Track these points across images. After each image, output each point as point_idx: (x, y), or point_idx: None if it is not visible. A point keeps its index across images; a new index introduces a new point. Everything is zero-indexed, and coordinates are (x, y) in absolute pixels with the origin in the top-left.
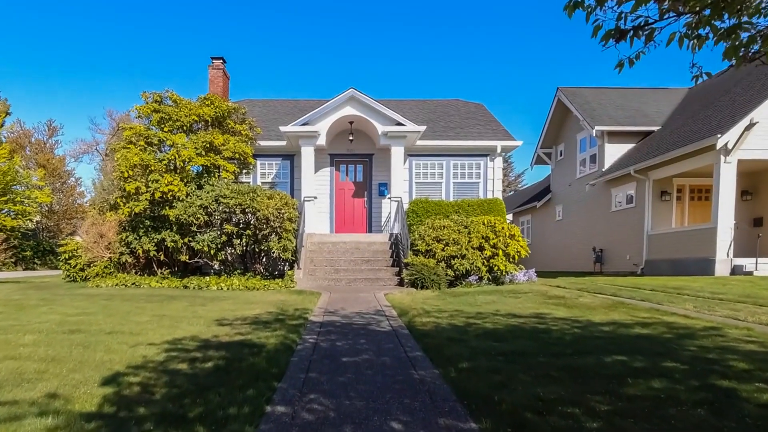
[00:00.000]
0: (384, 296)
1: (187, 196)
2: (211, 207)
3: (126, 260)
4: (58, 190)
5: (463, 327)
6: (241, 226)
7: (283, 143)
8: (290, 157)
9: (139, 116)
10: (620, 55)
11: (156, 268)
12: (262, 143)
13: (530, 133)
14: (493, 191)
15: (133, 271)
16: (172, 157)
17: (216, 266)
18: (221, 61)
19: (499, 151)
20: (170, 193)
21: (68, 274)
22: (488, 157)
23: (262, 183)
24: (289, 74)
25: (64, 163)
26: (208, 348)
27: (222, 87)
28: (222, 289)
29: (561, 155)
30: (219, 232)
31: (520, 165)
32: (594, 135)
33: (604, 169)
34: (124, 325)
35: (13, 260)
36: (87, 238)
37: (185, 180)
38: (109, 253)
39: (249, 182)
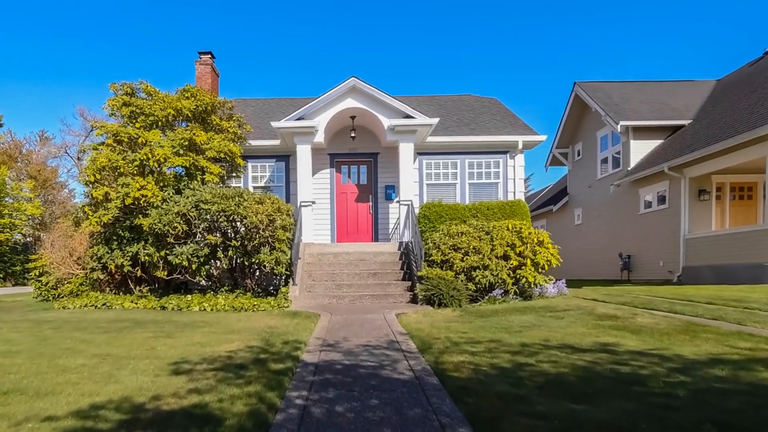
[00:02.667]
0: (396, 318)
1: (163, 203)
2: (191, 214)
3: (98, 277)
4: (51, 202)
5: (513, 370)
6: (230, 235)
7: (277, 142)
8: (285, 158)
9: (112, 113)
10: None
11: (133, 286)
12: (254, 143)
13: (543, 133)
14: (514, 192)
15: (108, 288)
16: (145, 158)
17: (202, 282)
18: (209, 56)
19: (520, 147)
20: (143, 199)
21: (40, 292)
22: (508, 154)
23: (254, 188)
24: (286, 73)
25: (56, 174)
26: (134, 427)
27: (210, 85)
28: (205, 309)
29: (579, 155)
30: (201, 244)
31: (526, 168)
32: (618, 131)
33: (629, 168)
34: (43, 374)
35: (1, 275)
36: (53, 253)
37: (162, 184)
38: (80, 270)
39: (240, 187)
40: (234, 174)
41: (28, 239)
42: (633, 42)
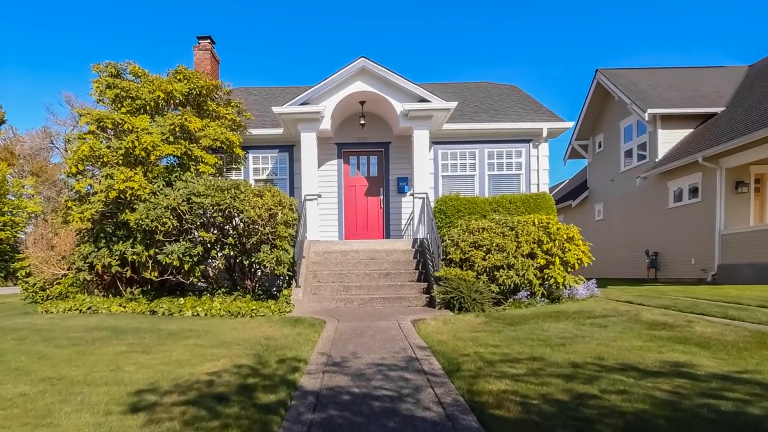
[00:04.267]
0: (413, 326)
1: (152, 196)
2: (182, 208)
3: (84, 278)
4: (54, 199)
5: (574, 406)
6: (228, 231)
7: (280, 131)
8: (289, 148)
9: (99, 99)
10: None
11: (124, 287)
12: (254, 132)
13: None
14: (538, 184)
15: (97, 290)
16: (131, 146)
17: (201, 283)
18: (208, 41)
19: (544, 135)
20: (129, 192)
21: (28, 294)
22: (531, 143)
23: (255, 180)
24: (291, 64)
25: (59, 170)
26: None
27: (210, 71)
28: (198, 315)
29: (600, 147)
30: (195, 242)
31: None
32: (646, 120)
33: (657, 159)
34: None
35: (2, 275)
36: (35, 252)
37: (151, 175)
38: (65, 270)
39: (240, 180)
40: (233, 166)
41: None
42: (647, 32)
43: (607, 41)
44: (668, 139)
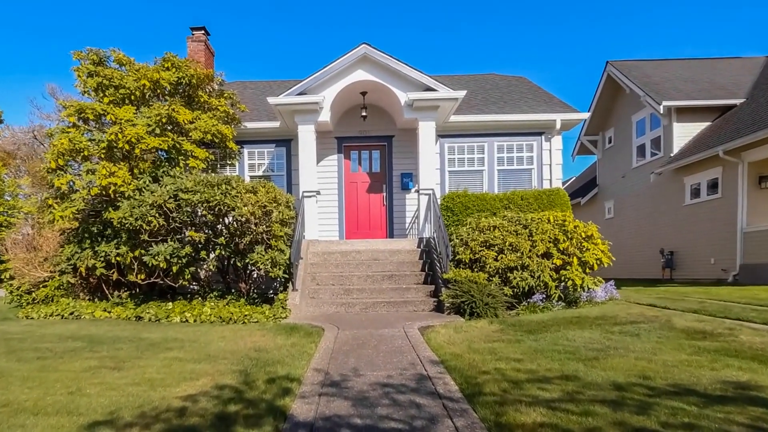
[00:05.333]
0: (421, 335)
1: (138, 193)
2: (168, 206)
3: (68, 281)
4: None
5: None
6: (219, 230)
7: (276, 124)
8: (286, 143)
9: (84, 91)
10: None
11: (111, 290)
12: (250, 125)
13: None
14: (550, 180)
15: (82, 294)
16: (113, 138)
17: (193, 285)
18: (203, 32)
19: (557, 127)
20: (112, 188)
21: (12, 297)
22: (543, 136)
23: (251, 177)
24: (290, 58)
25: None
26: None
27: (204, 64)
28: (187, 321)
29: (610, 142)
30: (183, 242)
31: None
32: (661, 112)
33: (672, 154)
34: None
35: None
36: (15, 253)
37: (137, 171)
38: (48, 272)
39: (234, 175)
40: (228, 161)
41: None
42: (653, 27)
43: (614, 36)
44: (684, 133)
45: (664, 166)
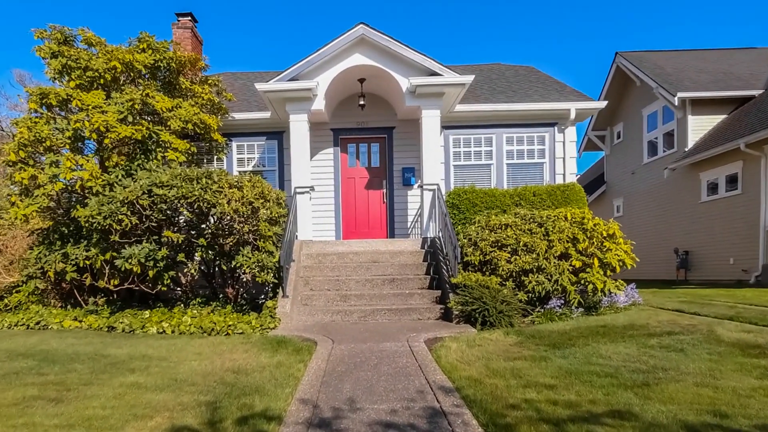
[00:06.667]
0: (429, 351)
1: (108, 188)
2: (142, 202)
3: (36, 286)
4: None
5: None
6: (202, 230)
7: (267, 115)
8: (278, 135)
9: (54, 77)
10: None
11: (85, 296)
12: (238, 116)
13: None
14: (564, 174)
15: (54, 300)
16: (80, 126)
17: (179, 289)
18: (189, 18)
19: (572, 117)
20: (78, 183)
21: None
22: (556, 127)
23: (240, 172)
24: (285, 49)
25: None
26: None
27: (191, 52)
28: (164, 332)
29: (618, 138)
30: (161, 244)
31: None
32: (676, 104)
33: (687, 149)
34: None
35: None
36: None
37: (108, 164)
38: (15, 277)
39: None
40: (215, 155)
41: None
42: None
43: (620, 31)
44: (698, 127)
45: (678, 161)
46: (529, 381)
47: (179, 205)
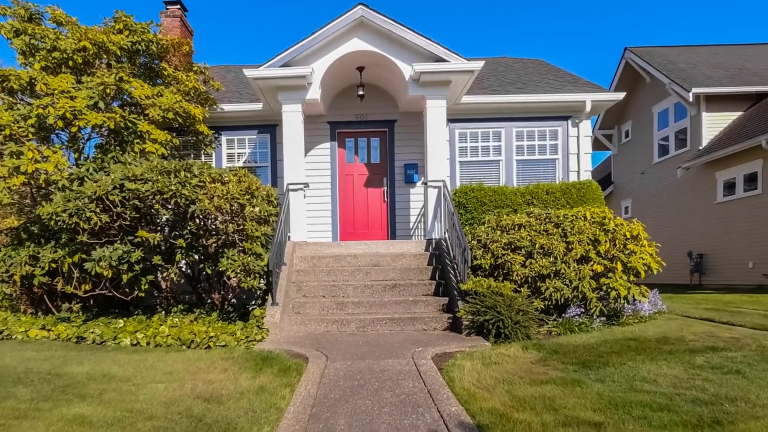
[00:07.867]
0: (438, 372)
1: (77, 183)
2: (112, 198)
3: (3, 291)
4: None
5: None
6: (184, 230)
7: (259, 106)
8: (271, 128)
9: (25, 62)
10: None
11: (59, 302)
12: (228, 108)
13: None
14: (578, 171)
15: (24, 306)
16: (44, 113)
17: (163, 294)
18: (178, 6)
19: (587, 109)
20: (42, 176)
21: None
22: (570, 121)
23: (230, 168)
24: (284, 39)
25: None
26: None
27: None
28: (137, 344)
29: (627, 136)
30: (137, 245)
31: None
32: (690, 101)
33: (701, 147)
34: None
35: None
36: None
37: (77, 156)
38: None
39: (198, 161)
40: (203, 149)
41: None
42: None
43: (627, 27)
44: (713, 124)
45: (692, 160)
46: (568, 416)
47: (154, 201)
